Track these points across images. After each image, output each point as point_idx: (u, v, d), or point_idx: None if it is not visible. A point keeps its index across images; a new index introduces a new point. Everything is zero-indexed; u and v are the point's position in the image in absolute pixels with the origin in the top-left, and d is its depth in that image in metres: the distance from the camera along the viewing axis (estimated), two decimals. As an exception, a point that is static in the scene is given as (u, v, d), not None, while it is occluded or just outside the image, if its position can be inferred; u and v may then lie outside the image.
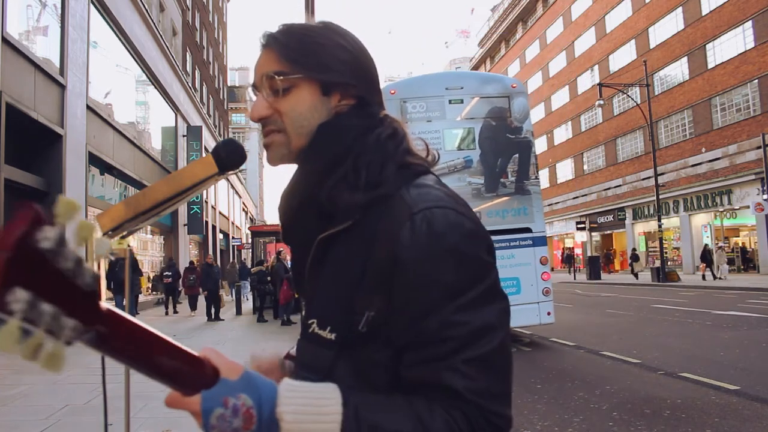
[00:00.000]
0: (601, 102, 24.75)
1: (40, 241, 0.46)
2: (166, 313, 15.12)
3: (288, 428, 0.62)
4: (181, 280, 15.36)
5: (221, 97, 38.49)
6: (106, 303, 0.56)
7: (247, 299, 17.07)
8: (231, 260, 27.82)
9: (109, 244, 0.57)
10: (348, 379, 0.70)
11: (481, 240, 0.72)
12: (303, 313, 0.82)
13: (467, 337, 0.66)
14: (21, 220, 0.46)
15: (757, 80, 23.29)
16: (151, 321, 13.81)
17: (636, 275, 26.35)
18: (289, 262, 11.80)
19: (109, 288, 12.03)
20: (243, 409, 0.62)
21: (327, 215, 0.76)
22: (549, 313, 8.02)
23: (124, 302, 11.66)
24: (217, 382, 0.62)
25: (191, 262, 16.19)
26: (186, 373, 0.61)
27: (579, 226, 33.95)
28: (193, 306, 14.70)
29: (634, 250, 29.39)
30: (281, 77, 0.78)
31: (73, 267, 0.49)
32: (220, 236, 31.36)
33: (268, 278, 13.01)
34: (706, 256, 21.88)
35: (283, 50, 0.79)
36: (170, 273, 15.07)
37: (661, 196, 24.07)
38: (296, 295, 11.70)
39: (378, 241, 0.71)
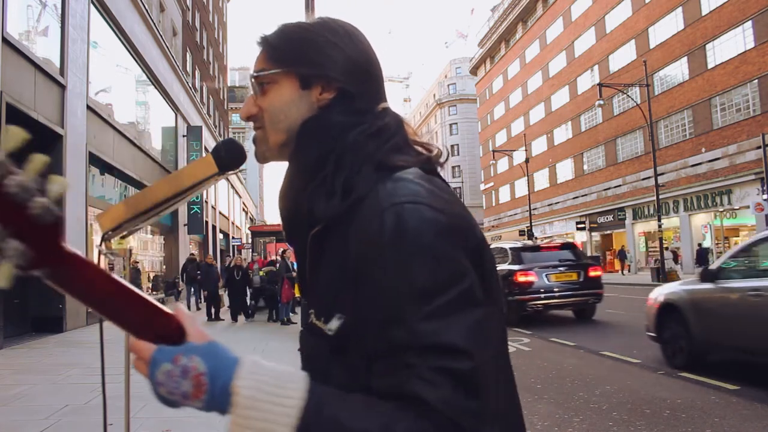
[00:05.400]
0: (601, 102, 24.77)
1: None
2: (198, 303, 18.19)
3: (241, 403, 0.57)
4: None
5: (221, 97, 38.47)
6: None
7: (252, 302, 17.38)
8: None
9: (63, 183, 0.55)
10: (342, 376, 0.68)
11: (458, 239, 0.66)
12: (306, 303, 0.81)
13: (436, 347, 0.60)
14: None
15: (757, 80, 23.29)
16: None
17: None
18: (291, 262, 11.83)
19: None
20: (193, 372, 0.58)
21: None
22: None
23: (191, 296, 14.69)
24: (181, 342, 0.61)
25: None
26: (149, 326, 0.61)
27: (579, 226, 34.00)
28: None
29: (622, 247, 30.12)
30: (262, 74, 0.79)
31: (21, 193, 0.50)
32: (220, 236, 31.35)
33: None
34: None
35: (268, 49, 0.80)
36: (200, 272, 16.84)
37: (661, 196, 24.06)
38: (297, 295, 11.73)
39: (350, 241, 0.68)
